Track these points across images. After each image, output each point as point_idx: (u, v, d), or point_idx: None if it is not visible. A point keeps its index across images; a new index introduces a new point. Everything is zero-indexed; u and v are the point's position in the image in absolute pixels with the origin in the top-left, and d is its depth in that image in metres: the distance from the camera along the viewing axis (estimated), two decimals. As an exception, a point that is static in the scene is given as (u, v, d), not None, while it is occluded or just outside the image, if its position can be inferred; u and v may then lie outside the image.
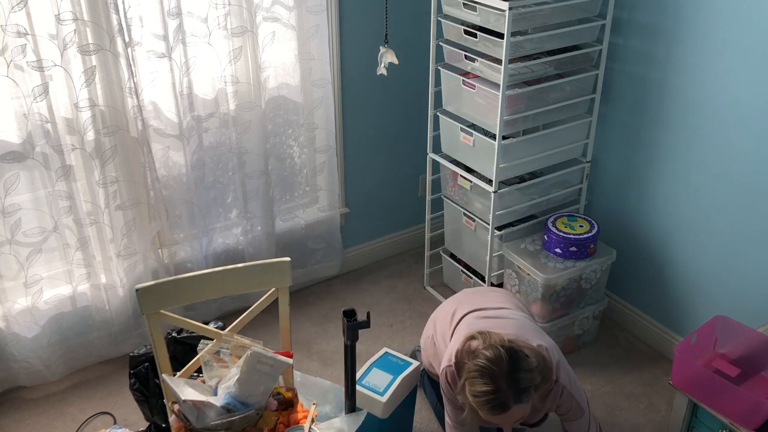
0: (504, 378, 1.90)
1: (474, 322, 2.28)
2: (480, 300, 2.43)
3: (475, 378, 1.93)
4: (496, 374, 1.90)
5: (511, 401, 1.90)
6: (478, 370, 1.93)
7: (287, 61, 2.95)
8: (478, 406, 1.94)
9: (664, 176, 2.88)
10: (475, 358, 1.96)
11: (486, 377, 1.91)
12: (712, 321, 2.31)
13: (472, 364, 1.96)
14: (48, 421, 2.75)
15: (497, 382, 1.90)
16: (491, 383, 1.90)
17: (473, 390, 1.94)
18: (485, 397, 1.91)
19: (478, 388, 1.92)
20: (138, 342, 2.95)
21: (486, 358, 1.93)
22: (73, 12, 2.38)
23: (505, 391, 1.90)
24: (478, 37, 2.67)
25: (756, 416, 2.02)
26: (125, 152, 2.70)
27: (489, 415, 1.95)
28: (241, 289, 2.10)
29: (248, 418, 1.95)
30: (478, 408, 1.95)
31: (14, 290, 2.70)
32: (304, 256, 3.37)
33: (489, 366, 1.92)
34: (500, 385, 1.90)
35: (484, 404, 1.92)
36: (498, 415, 1.94)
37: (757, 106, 2.47)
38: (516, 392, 1.91)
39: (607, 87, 2.97)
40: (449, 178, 3.18)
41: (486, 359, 1.93)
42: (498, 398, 1.90)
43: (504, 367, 1.91)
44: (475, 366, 1.95)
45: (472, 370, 1.95)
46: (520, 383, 1.91)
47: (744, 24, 2.44)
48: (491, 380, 1.90)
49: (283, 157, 3.15)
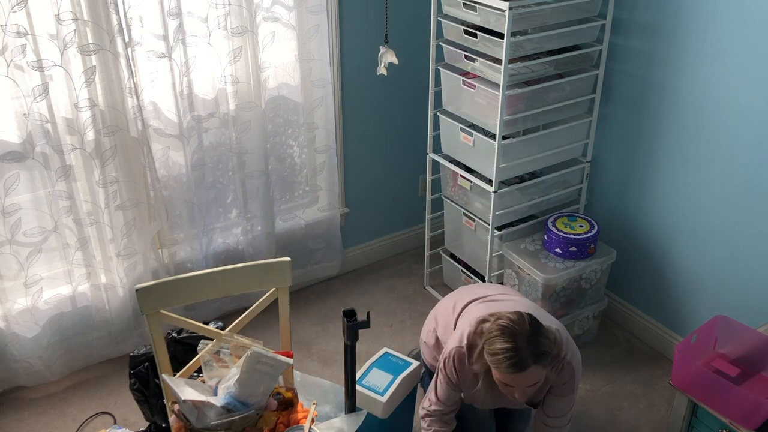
0: (525, 337, 1.94)
1: (480, 306, 2.30)
2: (482, 291, 2.45)
3: (496, 337, 1.96)
4: (518, 333, 1.95)
5: (530, 360, 1.93)
6: (500, 329, 1.97)
7: (287, 61, 2.95)
8: (496, 364, 1.96)
9: (664, 176, 2.88)
10: (496, 321, 2.00)
11: (507, 335, 1.95)
12: (712, 321, 2.31)
13: (494, 326, 1.99)
14: (48, 421, 2.75)
15: (518, 340, 1.94)
16: (512, 341, 1.94)
17: (493, 349, 1.96)
18: (505, 354, 1.93)
19: (498, 345, 1.95)
20: (138, 342, 2.95)
21: (508, 319, 1.99)
22: (73, 12, 2.38)
23: (525, 350, 1.93)
24: (478, 37, 2.67)
25: (756, 416, 2.02)
26: (125, 152, 2.70)
27: (506, 374, 1.96)
28: (241, 289, 2.10)
29: (248, 418, 1.95)
30: (497, 366, 1.97)
31: (14, 290, 2.70)
32: (304, 256, 3.37)
33: (511, 325, 1.97)
34: (520, 344, 1.93)
35: (503, 361, 1.94)
36: (515, 374, 1.95)
37: (757, 106, 2.47)
38: (535, 353, 1.94)
39: (607, 87, 2.97)
40: (449, 178, 3.18)
41: (508, 320, 1.99)
42: (518, 356, 1.93)
43: (525, 328, 1.96)
44: (496, 326, 1.99)
45: (493, 331, 1.98)
46: (540, 345, 1.95)
47: (744, 24, 2.44)
48: (512, 338, 1.94)
49: (283, 157, 3.15)
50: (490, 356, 1.98)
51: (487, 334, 2.02)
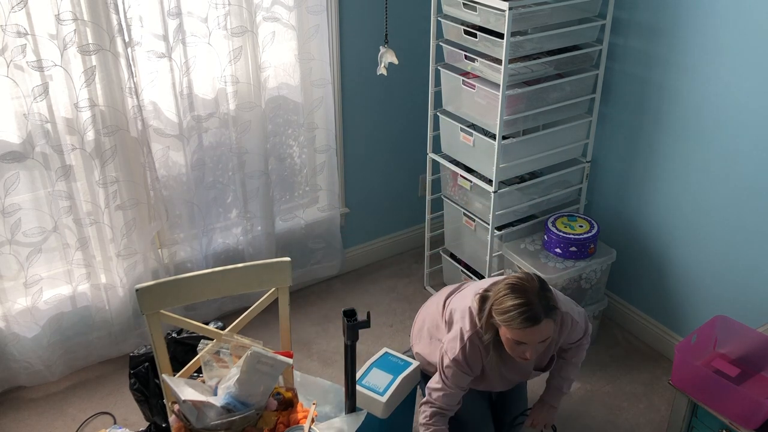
0: (535, 292, 2.00)
1: (467, 291, 2.34)
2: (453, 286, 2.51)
3: (506, 295, 2.01)
4: (528, 288, 2.01)
5: (542, 314, 1.98)
6: (509, 287, 2.02)
7: (287, 61, 2.95)
8: (509, 321, 2.00)
9: (664, 176, 2.88)
10: (503, 282, 2.05)
11: (518, 292, 2.00)
12: (712, 321, 2.31)
13: (501, 286, 2.04)
14: (48, 421, 2.75)
15: (528, 295, 1.99)
16: (523, 296, 1.99)
17: (504, 307, 2.00)
18: (518, 309, 1.98)
19: (510, 303, 1.99)
20: (138, 342, 2.95)
21: (516, 278, 2.05)
22: (73, 12, 2.38)
23: (537, 304, 1.98)
24: (478, 37, 2.67)
25: (756, 416, 2.02)
26: (125, 152, 2.70)
27: (520, 329, 1.99)
28: (241, 289, 2.10)
29: (248, 418, 1.95)
30: (509, 323, 2.00)
31: (14, 290, 2.70)
32: (304, 256, 3.37)
33: (520, 282, 2.03)
34: (531, 299, 1.99)
35: (516, 317, 1.98)
36: (529, 329, 1.99)
37: (757, 106, 2.47)
38: (546, 307, 2.00)
39: (607, 87, 2.97)
40: (449, 178, 3.18)
41: (516, 278, 2.05)
42: (531, 310, 1.98)
43: (534, 284, 2.03)
44: (504, 285, 2.04)
45: (502, 290, 2.03)
46: (549, 300, 2.02)
47: (744, 24, 2.44)
48: (523, 294, 2.00)
49: (283, 157, 3.15)
50: (501, 314, 2.02)
51: (494, 296, 2.05)
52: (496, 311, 2.04)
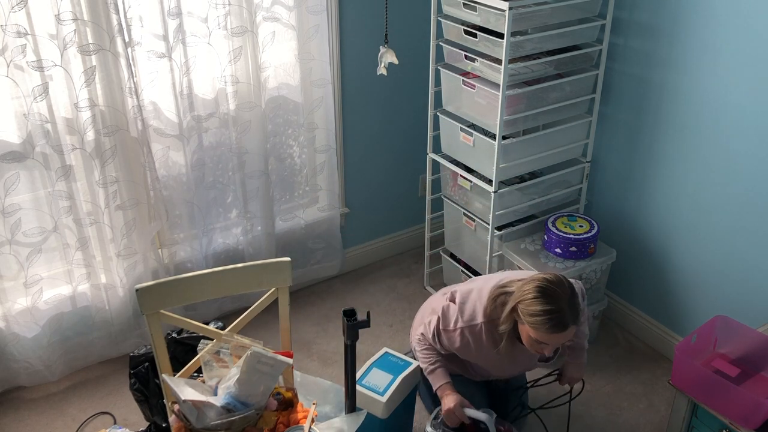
0: (566, 300, 2.02)
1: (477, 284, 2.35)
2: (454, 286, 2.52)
3: (537, 298, 2.02)
4: (559, 294, 2.02)
5: (569, 321, 2.03)
6: (541, 290, 2.03)
7: (287, 61, 2.95)
8: (537, 325, 2.02)
9: (664, 176, 2.88)
10: (532, 282, 2.06)
11: (548, 297, 2.02)
12: (712, 321, 2.31)
13: (532, 287, 2.05)
14: (48, 421, 2.75)
15: (559, 302, 2.01)
16: (554, 303, 2.01)
17: (533, 310, 2.02)
18: (548, 315, 2.00)
19: (540, 307, 2.01)
20: (138, 342, 2.95)
21: (546, 281, 2.05)
22: (73, 12, 2.38)
23: (566, 311, 2.01)
24: (478, 37, 2.67)
25: (756, 416, 2.02)
26: (125, 152, 2.70)
27: (547, 334, 2.03)
28: (241, 289, 2.10)
29: (248, 418, 1.95)
30: (537, 327, 2.02)
31: (14, 290, 2.70)
32: (304, 256, 3.37)
33: (551, 287, 2.04)
34: (562, 306, 2.01)
35: (546, 322, 2.01)
36: (555, 334, 2.03)
37: (757, 106, 2.47)
38: (574, 314, 2.04)
39: (607, 87, 2.97)
40: (449, 178, 3.18)
41: (546, 281, 2.05)
42: (560, 317, 2.01)
43: (565, 289, 2.04)
44: (535, 288, 2.04)
45: (531, 292, 2.04)
46: (577, 307, 2.05)
47: (743, 25, 2.44)
48: (553, 300, 2.01)
49: (283, 157, 3.15)
50: (529, 317, 2.03)
51: (521, 295, 2.07)
52: (523, 312, 2.06)
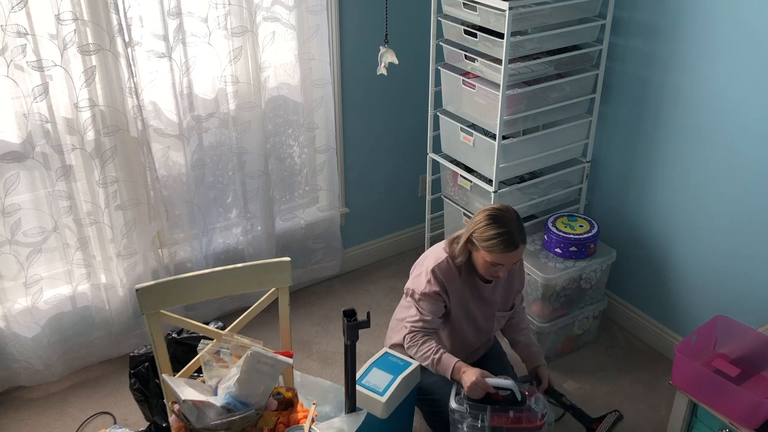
0: (514, 221, 2.27)
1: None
2: None
3: (489, 224, 2.26)
4: (508, 218, 2.27)
5: (519, 241, 2.27)
6: (491, 217, 2.27)
7: (287, 61, 2.95)
8: (491, 247, 2.25)
9: (664, 176, 2.88)
10: (483, 212, 2.29)
11: (499, 221, 2.26)
12: (712, 321, 2.31)
13: (482, 216, 2.29)
14: (48, 421, 2.75)
15: (509, 225, 2.26)
16: (504, 226, 2.25)
17: (487, 235, 2.26)
18: (500, 237, 2.24)
19: (493, 231, 2.25)
20: (138, 342, 2.95)
21: (495, 209, 2.30)
22: (73, 12, 2.38)
23: (515, 232, 2.26)
24: (478, 37, 2.67)
25: (756, 416, 2.02)
26: (125, 152, 2.70)
27: (501, 254, 2.26)
28: (241, 289, 2.10)
29: (248, 418, 1.95)
30: (491, 249, 2.25)
31: (14, 290, 2.70)
32: (304, 256, 3.37)
33: (500, 213, 2.28)
34: (511, 228, 2.26)
35: (499, 243, 2.24)
36: (508, 254, 2.26)
37: (757, 106, 2.47)
38: (522, 234, 2.28)
39: (607, 87, 2.97)
40: (449, 178, 3.18)
41: (495, 209, 2.30)
42: (510, 237, 2.25)
43: (512, 214, 2.30)
44: (486, 216, 2.28)
45: (483, 220, 2.28)
46: (523, 229, 2.30)
47: (743, 24, 2.44)
48: (504, 223, 2.26)
49: (283, 157, 3.15)
50: (484, 241, 2.26)
51: (474, 226, 2.30)
52: (477, 239, 2.28)
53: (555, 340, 3.02)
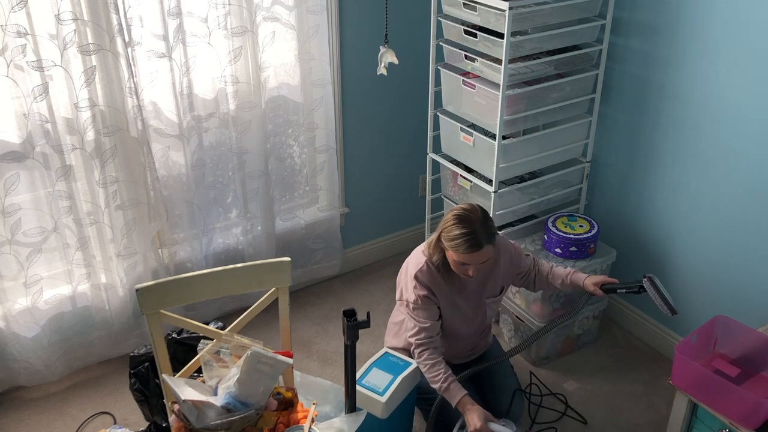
0: (478, 222, 2.25)
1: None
2: None
3: (454, 225, 2.26)
4: (472, 219, 2.26)
5: (483, 241, 2.24)
6: (456, 218, 2.27)
7: (287, 61, 2.95)
8: (456, 247, 2.25)
9: (664, 176, 2.88)
10: (450, 213, 2.29)
11: (463, 222, 2.25)
12: (712, 321, 2.31)
13: (450, 216, 2.29)
14: (48, 421, 2.75)
15: (473, 225, 2.24)
16: (468, 226, 2.24)
17: (452, 234, 2.25)
18: (464, 237, 2.23)
19: (456, 231, 2.24)
20: (138, 342, 2.95)
21: (461, 209, 2.30)
22: (73, 12, 2.38)
23: (480, 232, 2.24)
24: (478, 37, 2.67)
25: (756, 416, 2.02)
26: (125, 152, 2.70)
27: (465, 254, 2.25)
28: (241, 289, 2.10)
29: (248, 418, 1.95)
30: (456, 249, 2.25)
31: (14, 290, 2.70)
32: (304, 256, 3.37)
33: (465, 213, 2.27)
34: (476, 228, 2.24)
35: (462, 244, 2.23)
36: (473, 254, 2.25)
37: (757, 106, 2.47)
38: (487, 234, 2.25)
39: (607, 87, 2.97)
40: (449, 178, 3.18)
41: (461, 209, 2.29)
42: (475, 237, 2.23)
43: (478, 214, 2.28)
44: (451, 216, 2.28)
45: (449, 221, 2.28)
46: (491, 228, 2.28)
47: (743, 24, 2.44)
48: (468, 223, 2.24)
49: (283, 157, 3.15)
50: (449, 241, 2.27)
51: (442, 225, 2.30)
52: (444, 238, 2.28)
53: (555, 340, 3.02)
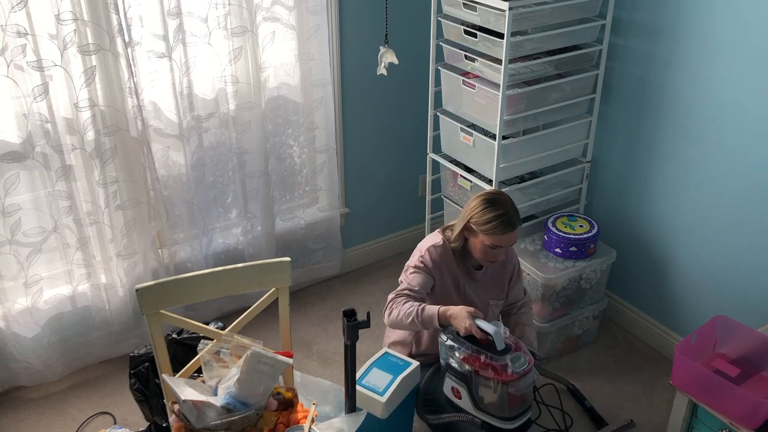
0: (508, 203, 2.33)
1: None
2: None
3: (486, 208, 2.31)
4: (503, 200, 2.33)
5: (516, 221, 2.32)
6: (487, 201, 2.32)
7: (287, 61, 2.95)
8: (491, 229, 2.29)
9: (664, 176, 2.88)
10: (477, 198, 2.34)
11: (495, 203, 2.31)
12: (712, 321, 2.31)
13: (478, 202, 2.33)
14: (48, 421, 2.75)
15: (505, 206, 2.32)
16: (501, 207, 2.31)
17: (486, 218, 2.30)
18: (499, 219, 2.29)
19: (491, 214, 2.30)
20: (138, 342, 2.95)
21: (489, 193, 2.36)
22: (73, 12, 2.38)
23: (512, 212, 2.32)
24: (478, 37, 2.67)
25: (756, 416, 2.02)
26: (125, 152, 2.70)
27: (501, 235, 2.30)
28: (241, 289, 2.10)
29: (248, 418, 1.95)
30: (492, 231, 2.29)
31: (14, 290, 2.70)
32: (304, 256, 3.37)
33: (495, 196, 2.34)
34: (508, 208, 2.31)
35: (498, 225, 2.29)
36: (508, 234, 2.30)
37: (757, 106, 2.47)
38: (517, 214, 2.34)
39: (607, 87, 2.97)
40: (449, 178, 3.18)
41: (489, 194, 2.36)
42: (508, 217, 2.30)
43: (506, 196, 2.35)
44: (482, 201, 2.33)
45: (478, 206, 2.32)
46: (517, 209, 2.35)
47: (743, 24, 2.44)
48: (500, 205, 2.31)
49: (283, 157, 3.15)
50: (483, 225, 2.30)
51: (470, 212, 2.34)
52: (476, 223, 2.32)
53: (555, 340, 3.02)
